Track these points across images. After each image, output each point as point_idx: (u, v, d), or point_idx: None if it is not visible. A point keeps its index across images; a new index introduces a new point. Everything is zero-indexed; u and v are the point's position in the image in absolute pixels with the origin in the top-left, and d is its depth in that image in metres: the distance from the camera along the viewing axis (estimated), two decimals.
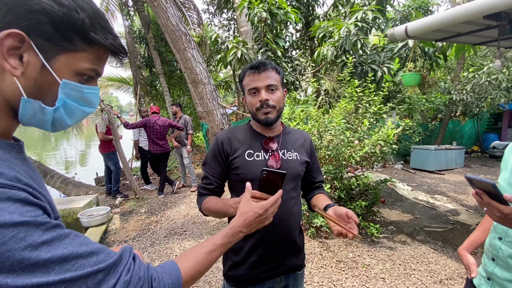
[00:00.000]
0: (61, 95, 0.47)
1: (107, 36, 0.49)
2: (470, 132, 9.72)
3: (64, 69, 0.46)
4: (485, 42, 3.31)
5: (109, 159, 4.98)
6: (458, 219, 3.85)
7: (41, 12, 0.42)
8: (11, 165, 0.44)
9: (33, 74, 0.45)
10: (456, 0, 10.15)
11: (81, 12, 0.45)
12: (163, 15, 3.64)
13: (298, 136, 1.16)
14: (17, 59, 0.43)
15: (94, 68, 0.50)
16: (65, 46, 0.45)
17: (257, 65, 1.01)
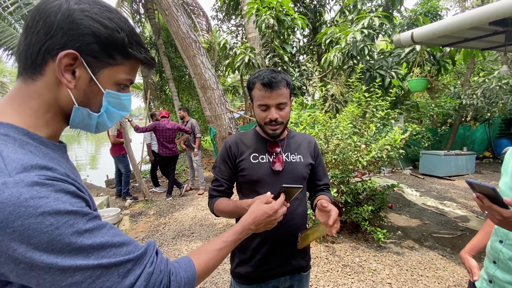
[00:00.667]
0: (105, 102, 0.56)
1: (141, 51, 0.57)
2: (481, 138, 9.52)
3: (106, 81, 0.55)
4: (493, 47, 3.30)
5: (120, 162, 5.11)
6: (467, 226, 3.79)
7: (91, 35, 0.50)
8: (59, 163, 0.51)
9: (83, 86, 0.53)
10: (466, 4, 10.07)
11: (121, 32, 0.53)
12: (174, 23, 3.77)
13: (302, 139, 1.20)
14: (70, 74, 0.51)
15: (129, 78, 0.58)
16: (108, 62, 0.53)
17: (269, 83, 1.00)
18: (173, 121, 5.32)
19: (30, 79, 0.51)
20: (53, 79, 0.50)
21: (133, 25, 0.65)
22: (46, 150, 0.51)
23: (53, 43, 0.49)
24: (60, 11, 0.48)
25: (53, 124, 0.54)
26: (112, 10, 0.54)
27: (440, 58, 4.36)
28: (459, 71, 9.05)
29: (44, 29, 0.48)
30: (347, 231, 3.52)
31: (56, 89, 0.51)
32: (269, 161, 1.09)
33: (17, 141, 0.47)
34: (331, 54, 4.33)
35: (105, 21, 0.51)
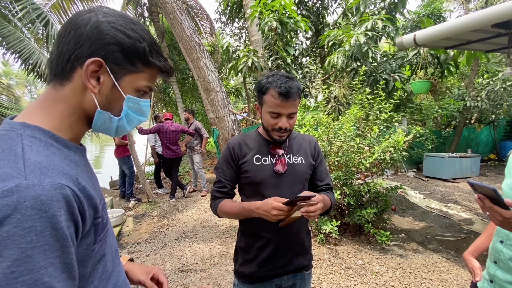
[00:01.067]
0: (125, 107, 0.60)
1: (160, 59, 0.61)
2: (486, 140, 9.44)
3: (128, 87, 0.59)
4: (496, 49, 3.29)
5: (124, 163, 5.16)
6: (472, 229, 3.76)
7: (115, 44, 0.54)
8: (77, 166, 0.54)
9: (106, 91, 0.57)
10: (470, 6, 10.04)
11: (143, 42, 0.57)
12: (178, 26, 3.82)
13: (303, 140, 1.22)
14: (95, 80, 0.55)
15: (149, 85, 0.62)
16: (130, 69, 0.57)
17: (286, 93, 0.99)
18: (176, 123, 5.36)
19: (59, 85, 0.55)
20: (79, 85, 0.55)
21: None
22: (68, 152, 0.54)
23: (81, 51, 0.53)
24: (89, 23, 0.53)
25: (76, 127, 0.58)
26: (136, 23, 0.58)
27: (443, 61, 4.35)
28: (463, 73, 9.00)
29: (75, 39, 0.53)
30: (350, 233, 3.52)
31: (81, 94, 0.56)
32: (271, 163, 1.10)
33: (42, 143, 0.50)
34: (335, 57, 4.34)
35: (129, 31, 0.55)
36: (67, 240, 0.44)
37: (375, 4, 4.78)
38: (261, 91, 1.07)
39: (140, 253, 3.21)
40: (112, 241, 0.68)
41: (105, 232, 0.60)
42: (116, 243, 0.72)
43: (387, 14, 4.45)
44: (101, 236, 0.57)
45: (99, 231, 0.56)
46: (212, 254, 3.13)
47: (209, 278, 2.66)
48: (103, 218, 0.58)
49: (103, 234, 0.58)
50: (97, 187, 0.61)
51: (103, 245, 0.58)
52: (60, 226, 0.43)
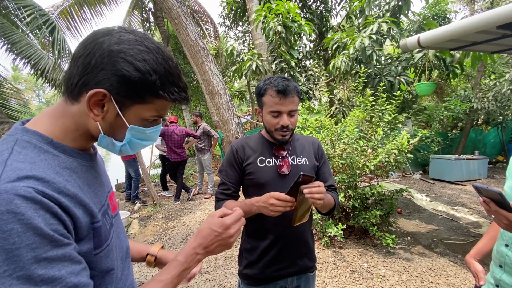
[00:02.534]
0: (128, 135, 0.59)
1: (173, 91, 0.57)
2: (494, 142, 9.28)
3: (133, 117, 0.57)
4: (502, 50, 3.25)
5: (130, 166, 5.22)
6: (479, 232, 3.70)
7: (121, 76, 0.52)
8: (71, 173, 0.54)
9: (110, 119, 0.56)
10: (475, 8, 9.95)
11: (154, 75, 0.54)
12: (183, 31, 3.87)
13: (306, 142, 1.23)
14: (100, 107, 0.55)
15: (158, 115, 0.60)
16: (136, 100, 0.55)
17: (283, 90, 1.02)
18: (181, 126, 5.41)
19: (70, 102, 0.56)
20: (85, 109, 0.54)
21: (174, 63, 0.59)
22: (66, 158, 0.54)
23: (88, 79, 0.53)
24: (100, 49, 0.52)
25: (81, 140, 0.59)
26: (152, 50, 0.54)
27: (449, 63, 4.32)
28: (469, 74, 8.90)
29: (83, 65, 0.53)
30: (355, 236, 3.49)
31: (87, 117, 0.56)
32: (275, 165, 1.11)
33: (36, 148, 0.50)
34: (339, 60, 4.35)
35: (139, 63, 0.52)
36: (53, 237, 0.44)
37: (379, 6, 4.79)
38: (260, 94, 1.10)
39: None
40: (121, 245, 0.67)
41: (111, 237, 0.59)
42: (127, 246, 0.72)
43: (392, 16, 4.45)
44: (108, 242, 0.57)
45: (103, 236, 0.55)
46: (216, 257, 3.14)
47: (213, 280, 2.67)
48: (105, 224, 0.58)
49: (109, 240, 0.58)
50: (100, 192, 0.61)
51: (107, 251, 0.57)
52: (41, 226, 0.43)
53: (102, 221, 0.56)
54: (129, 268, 0.70)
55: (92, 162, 0.62)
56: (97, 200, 0.58)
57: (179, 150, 5.26)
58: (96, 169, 0.63)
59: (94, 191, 0.58)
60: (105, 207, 0.61)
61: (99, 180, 0.63)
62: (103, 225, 0.57)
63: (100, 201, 0.59)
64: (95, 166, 0.63)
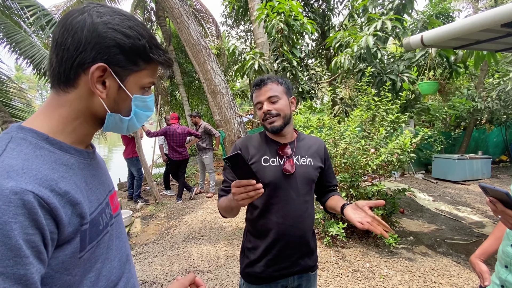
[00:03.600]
0: (133, 106, 0.60)
1: (160, 53, 0.59)
2: (497, 141, 9.23)
3: (133, 87, 0.58)
4: (506, 49, 3.22)
5: (133, 165, 5.23)
6: (483, 232, 3.68)
7: (116, 46, 0.53)
8: (67, 170, 0.52)
9: (113, 94, 0.56)
10: (479, 6, 9.88)
11: (142, 39, 0.55)
12: (185, 30, 3.87)
13: (312, 142, 1.22)
14: (101, 84, 0.54)
15: (152, 81, 0.62)
16: (133, 69, 0.57)
17: (258, 82, 1.12)
18: (183, 125, 5.42)
19: (63, 91, 0.55)
20: (86, 91, 0.54)
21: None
22: (62, 155, 0.53)
23: (83, 58, 0.52)
24: (85, 26, 0.51)
25: (81, 129, 0.57)
26: (131, 18, 0.56)
27: (452, 62, 4.29)
28: (473, 73, 8.84)
29: (73, 45, 0.52)
30: (357, 235, 3.49)
31: (89, 99, 0.55)
32: (280, 164, 1.11)
33: (32, 145, 0.49)
34: (342, 57, 4.32)
35: (127, 30, 0.54)
36: (21, 250, 0.40)
37: (383, 5, 4.76)
38: (251, 96, 1.19)
39: (148, 254, 3.25)
40: (121, 246, 0.65)
41: (100, 238, 0.57)
42: (128, 247, 0.70)
43: (396, 14, 4.42)
44: (93, 244, 0.54)
45: (89, 239, 0.53)
46: (218, 256, 3.14)
47: (216, 279, 2.67)
48: (98, 224, 0.56)
49: (95, 241, 0.55)
50: (99, 190, 0.60)
51: (96, 253, 0.55)
52: (13, 235, 0.40)
53: (95, 221, 0.55)
54: (130, 271, 0.68)
55: (90, 160, 0.61)
56: (94, 198, 0.57)
57: (181, 149, 5.26)
58: (94, 167, 0.62)
59: (92, 189, 0.57)
60: (103, 205, 0.59)
61: (98, 179, 0.62)
62: (96, 224, 0.55)
63: (98, 199, 0.58)
64: (93, 164, 0.62)
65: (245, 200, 0.82)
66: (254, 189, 0.80)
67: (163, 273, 2.81)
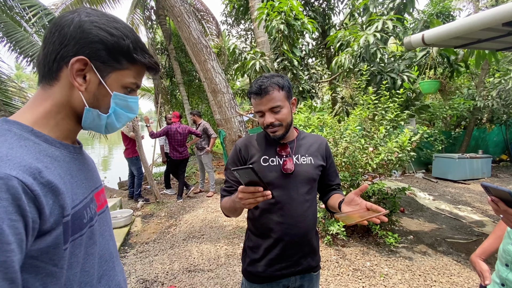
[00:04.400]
0: (113, 104, 0.60)
1: (145, 56, 0.61)
2: (497, 140, 9.23)
3: (114, 84, 0.59)
4: (507, 48, 3.22)
5: (133, 164, 5.24)
6: (483, 231, 3.69)
7: (99, 42, 0.55)
8: (52, 161, 0.52)
9: (93, 89, 0.58)
10: (479, 5, 9.86)
11: (127, 39, 0.58)
12: (185, 29, 3.86)
13: (313, 140, 1.21)
14: (82, 78, 0.56)
15: (135, 82, 0.63)
16: (115, 66, 0.58)
17: (257, 91, 1.04)
18: (184, 125, 5.42)
19: (48, 85, 0.57)
20: (66, 84, 0.56)
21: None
22: (48, 147, 0.54)
23: (66, 51, 0.54)
24: (72, 23, 0.54)
25: (64, 124, 0.59)
26: (119, 21, 0.59)
27: (453, 61, 4.28)
28: (473, 72, 8.84)
29: (59, 39, 0.54)
30: (357, 234, 3.49)
31: (69, 92, 0.57)
32: (279, 164, 1.11)
33: (16, 136, 0.50)
34: (342, 57, 4.32)
35: (112, 30, 0.56)
36: (4, 236, 0.40)
37: (383, 4, 4.75)
38: (249, 98, 1.13)
39: (148, 253, 3.25)
40: (104, 243, 0.64)
41: (83, 232, 0.56)
42: (113, 245, 0.69)
43: (396, 14, 4.41)
44: (76, 236, 0.54)
45: (72, 231, 0.53)
46: (219, 255, 3.15)
47: (216, 278, 2.68)
48: (81, 217, 0.55)
49: (78, 234, 0.55)
50: (84, 184, 0.60)
51: (80, 247, 0.55)
52: None
53: (79, 214, 0.55)
54: (114, 269, 0.67)
55: (76, 155, 0.62)
56: (79, 191, 0.57)
57: (181, 149, 5.27)
58: (81, 162, 0.63)
59: (77, 182, 0.57)
60: (87, 200, 0.59)
61: (84, 174, 0.62)
62: (79, 217, 0.55)
63: (83, 193, 0.58)
64: (80, 159, 0.63)
65: (252, 205, 0.84)
66: (262, 195, 0.81)
67: (164, 272, 2.82)
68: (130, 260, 3.08)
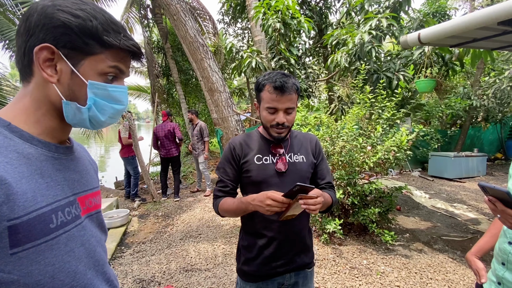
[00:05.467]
0: (90, 94, 0.55)
1: (119, 38, 0.55)
2: (492, 139, 9.32)
3: (88, 72, 0.54)
4: (503, 47, 3.24)
5: (129, 164, 5.21)
6: (478, 229, 3.72)
7: (62, 26, 0.51)
8: (19, 158, 0.50)
9: (66, 80, 0.54)
10: (475, 4, 9.92)
11: (94, 20, 0.53)
12: (182, 27, 3.84)
13: (304, 139, 1.22)
14: (53, 69, 0.53)
15: (114, 65, 0.57)
16: (85, 51, 0.53)
17: (281, 87, 1.00)
18: (171, 123, 5.40)
19: (26, 82, 0.55)
20: (41, 77, 0.53)
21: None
22: (22, 143, 0.51)
23: (32, 41, 0.51)
24: (36, 10, 0.51)
25: (45, 121, 0.56)
26: (87, 3, 0.54)
27: (448, 60, 4.30)
28: (469, 71, 8.91)
29: (25, 30, 0.52)
30: (354, 233, 3.50)
31: (45, 87, 0.54)
32: (273, 162, 1.11)
33: None
34: (338, 55, 4.33)
35: (77, 11, 0.52)
36: None
37: (379, 3, 4.75)
38: (258, 89, 1.09)
39: (145, 253, 3.23)
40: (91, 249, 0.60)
41: (49, 238, 0.51)
42: (100, 252, 0.64)
43: (392, 12, 4.42)
44: (38, 242, 0.49)
45: (28, 236, 0.47)
46: (216, 254, 3.14)
47: (214, 277, 2.67)
48: (47, 221, 0.50)
49: (42, 240, 0.49)
50: (60, 186, 0.56)
51: (45, 253, 0.50)
52: None
53: (42, 217, 0.50)
54: (98, 277, 0.62)
55: (58, 154, 0.58)
56: (49, 193, 0.52)
57: (168, 147, 5.29)
58: (64, 162, 0.59)
59: (49, 183, 0.53)
60: (62, 203, 0.55)
61: (67, 175, 0.58)
62: (43, 221, 0.50)
63: (54, 195, 0.53)
64: (64, 159, 0.59)
65: (273, 212, 0.93)
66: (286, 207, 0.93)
67: (161, 272, 2.80)
68: (127, 260, 3.06)
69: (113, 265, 2.96)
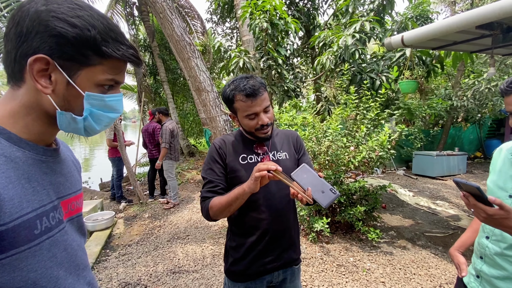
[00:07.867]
0: (87, 105, 0.54)
1: (119, 48, 0.53)
2: (472, 138, 9.72)
3: (85, 83, 0.52)
4: (481, 50, 3.39)
5: (114, 165, 5.08)
6: (459, 225, 3.86)
7: (58, 36, 0.48)
8: (5, 160, 0.48)
9: (61, 90, 0.51)
10: (456, 9, 10.31)
11: (92, 30, 0.50)
12: (168, 26, 3.78)
13: (285, 136, 1.24)
14: (47, 79, 0.50)
15: (112, 78, 0.55)
16: (83, 62, 0.51)
17: (252, 92, 1.01)
18: (154, 123, 5.19)
19: (16, 86, 0.52)
20: (33, 85, 0.50)
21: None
22: (9, 146, 0.49)
23: (25, 48, 0.48)
24: (28, 15, 0.48)
25: (35, 126, 0.53)
26: (84, 8, 0.51)
27: (429, 62, 4.45)
28: (450, 73, 9.25)
29: (16, 35, 0.48)
30: (341, 231, 3.56)
31: (36, 94, 0.51)
32: (257, 161, 1.11)
33: None
34: (324, 57, 4.39)
35: (73, 20, 0.49)
36: None
37: (364, 5, 4.86)
38: (229, 101, 1.08)
39: (131, 255, 3.16)
40: (73, 254, 0.58)
41: (32, 245, 0.49)
42: (81, 256, 0.63)
43: (376, 15, 4.53)
44: (22, 249, 0.47)
45: (12, 243, 0.46)
46: (204, 255, 3.11)
47: (202, 278, 2.65)
48: (31, 228, 0.49)
49: (26, 247, 0.48)
50: (46, 190, 0.54)
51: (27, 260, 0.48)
52: None
53: (27, 223, 0.48)
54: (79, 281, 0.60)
55: (46, 157, 0.56)
56: (35, 198, 0.51)
57: (150, 147, 5.19)
58: (51, 165, 0.57)
59: (35, 188, 0.51)
60: (46, 208, 0.53)
61: (53, 178, 0.57)
62: (27, 227, 0.48)
63: (40, 200, 0.52)
64: (50, 161, 0.57)
65: (266, 180, 0.91)
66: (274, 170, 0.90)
67: (147, 274, 2.75)
68: (112, 264, 2.98)
69: (97, 269, 2.88)
